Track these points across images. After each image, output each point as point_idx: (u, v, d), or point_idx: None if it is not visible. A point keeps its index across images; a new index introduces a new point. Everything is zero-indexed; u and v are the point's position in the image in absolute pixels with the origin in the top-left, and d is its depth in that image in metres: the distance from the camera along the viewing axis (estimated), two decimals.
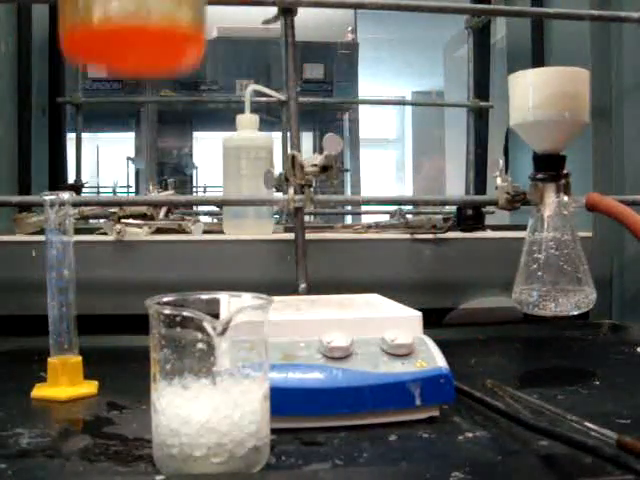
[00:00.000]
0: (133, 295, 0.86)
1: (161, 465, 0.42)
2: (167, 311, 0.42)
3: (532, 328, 0.91)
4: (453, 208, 1.15)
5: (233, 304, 0.44)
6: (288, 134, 1.00)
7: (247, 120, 0.98)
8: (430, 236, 1.01)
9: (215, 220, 1.33)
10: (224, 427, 0.41)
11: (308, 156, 0.89)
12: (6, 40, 1.15)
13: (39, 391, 0.61)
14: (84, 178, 1.91)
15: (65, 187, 1.50)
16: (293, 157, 0.87)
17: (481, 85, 1.46)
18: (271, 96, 1.11)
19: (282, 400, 0.47)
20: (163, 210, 1.04)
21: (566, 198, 0.76)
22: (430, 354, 0.53)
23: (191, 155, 2.30)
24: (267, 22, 0.95)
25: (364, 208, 1.54)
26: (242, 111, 0.99)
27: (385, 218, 1.20)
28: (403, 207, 1.09)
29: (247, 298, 0.45)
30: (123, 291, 0.92)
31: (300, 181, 0.86)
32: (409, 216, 1.09)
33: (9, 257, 0.92)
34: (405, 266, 1.00)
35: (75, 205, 0.87)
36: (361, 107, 2.53)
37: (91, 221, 1.17)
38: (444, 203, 1.23)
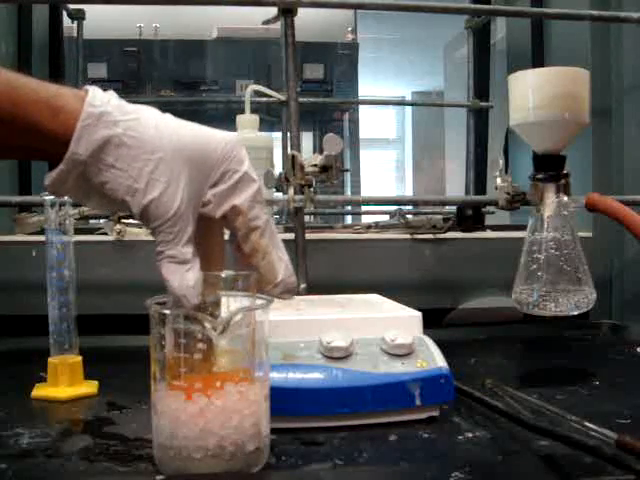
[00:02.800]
0: (133, 295, 0.85)
1: (161, 465, 0.42)
2: (167, 311, 0.42)
3: (532, 328, 0.91)
4: (453, 208, 1.15)
5: (233, 304, 0.44)
6: (288, 134, 1.00)
7: (247, 120, 0.98)
8: (430, 236, 1.01)
9: None
10: (224, 429, 0.41)
11: (308, 156, 0.89)
12: (6, 40, 1.15)
13: (39, 391, 0.61)
14: None
15: None
16: (293, 157, 0.87)
17: (481, 85, 1.46)
18: (271, 96, 1.11)
19: (282, 400, 0.47)
20: None
21: (566, 198, 0.76)
22: (430, 354, 0.53)
23: None
24: (267, 22, 0.95)
25: (364, 208, 1.54)
26: (242, 111, 0.99)
27: (385, 218, 1.20)
28: (403, 207, 1.09)
29: (247, 298, 0.45)
30: (123, 291, 0.92)
31: (300, 181, 0.86)
32: (409, 216, 1.09)
33: (9, 257, 0.92)
34: (405, 266, 1.00)
35: (75, 205, 0.87)
36: (361, 107, 2.53)
37: (91, 221, 1.17)
38: (444, 203, 1.23)
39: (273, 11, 0.93)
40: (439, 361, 0.53)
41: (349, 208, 1.61)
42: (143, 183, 0.41)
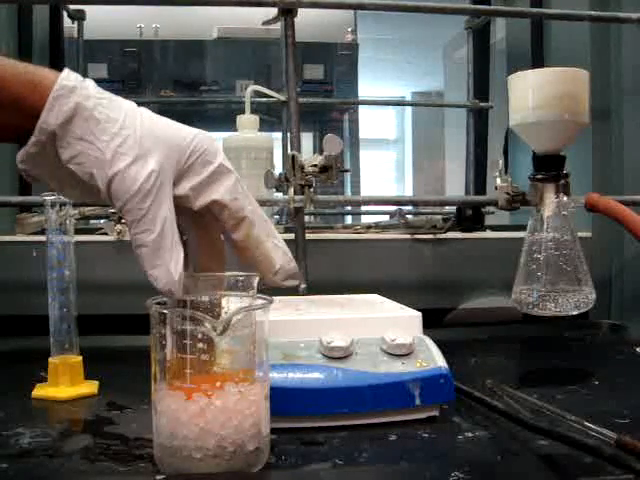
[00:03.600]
0: (133, 295, 0.85)
1: (162, 465, 0.42)
2: (167, 311, 0.42)
3: (532, 328, 0.91)
4: (453, 208, 1.15)
5: (233, 304, 0.44)
6: (288, 134, 1.00)
7: (247, 120, 0.98)
8: (430, 236, 1.01)
9: None
10: (224, 429, 0.41)
11: (308, 156, 0.89)
12: (7, 40, 1.15)
13: (40, 391, 0.61)
14: None
15: None
16: (293, 157, 0.87)
17: (481, 85, 1.46)
18: (271, 96, 1.11)
19: (282, 400, 0.47)
20: None
21: (566, 198, 0.76)
22: (430, 354, 0.53)
23: None
24: (267, 23, 0.95)
25: (364, 208, 1.54)
26: (242, 111, 0.99)
27: (385, 218, 1.20)
28: (403, 207, 1.09)
29: (247, 298, 0.45)
30: (123, 291, 0.92)
31: (300, 181, 0.86)
32: (409, 216, 1.09)
33: (10, 257, 0.92)
34: (405, 266, 1.00)
35: (76, 205, 0.87)
36: (361, 107, 2.53)
37: (92, 221, 1.17)
38: (444, 203, 1.23)
39: (273, 12, 0.93)
40: (439, 361, 0.53)
41: (349, 208, 1.61)
42: (109, 155, 0.42)
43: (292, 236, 0.90)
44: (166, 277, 0.42)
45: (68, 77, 0.42)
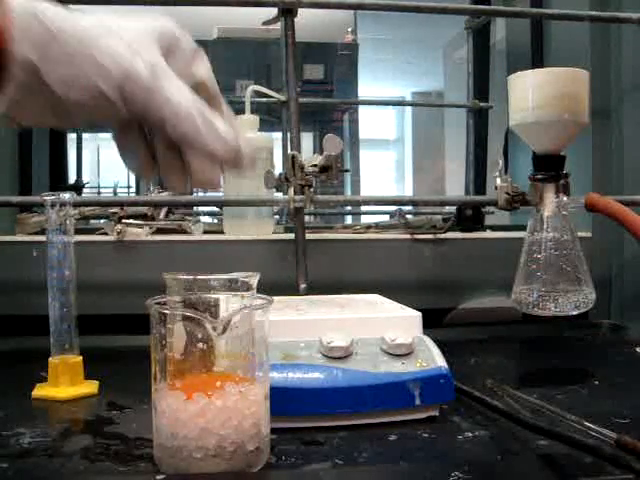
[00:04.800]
0: (133, 295, 0.85)
1: (162, 465, 0.42)
2: (167, 311, 0.42)
3: (532, 328, 0.91)
4: (453, 208, 1.15)
5: (233, 304, 0.44)
6: (288, 134, 1.00)
7: (247, 121, 0.98)
8: (430, 236, 1.01)
9: (215, 220, 1.33)
10: (224, 429, 0.41)
11: (308, 156, 0.89)
12: None
13: (40, 391, 0.61)
14: (85, 178, 1.92)
15: (66, 187, 1.51)
16: (293, 157, 0.87)
17: (481, 85, 1.46)
18: (271, 96, 1.11)
19: (282, 400, 0.47)
20: (163, 210, 1.05)
21: (565, 198, 0.76)
22: (430, 354, 0.53)
23: None
24: (267, 23, 0.95)
25: (364, 208, 1.54)
26: (242, 112, 0.99)
27: (385, 218, 1.21)
28: (403, 207, 1.09)
29: (246, 298, 0.45)
30: (123, 291, 0.92)
31: (300, 181, 0.86)
32: (409, 216, 1.09)
33: (10, 257, 0.92)
34: (405, 266, 1.00)
35: (76, 205, 0.87)
36: (361, 107, 2.53)
37: (92, 221, 1.17)
38: (444, 203, 1.23)
39: (273, 12, 0.93)
40: (439, 361, 0.53)
41: (349, 208, 1.62)
42: (108, 60, 0.39)
43: (292, 236, 0.90)
44: (229, 132, 0.41)
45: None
